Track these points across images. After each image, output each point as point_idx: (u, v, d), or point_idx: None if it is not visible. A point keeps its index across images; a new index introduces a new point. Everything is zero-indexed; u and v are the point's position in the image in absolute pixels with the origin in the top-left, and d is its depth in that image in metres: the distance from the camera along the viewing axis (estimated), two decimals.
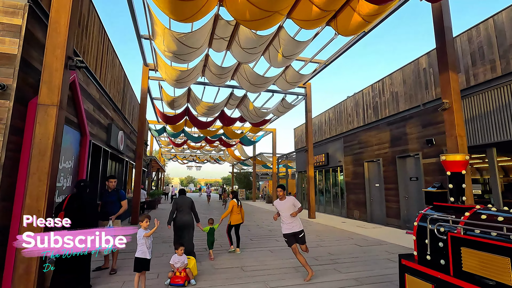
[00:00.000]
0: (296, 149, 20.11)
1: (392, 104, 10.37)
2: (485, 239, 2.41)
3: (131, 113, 12.11)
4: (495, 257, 2.29)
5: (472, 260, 2.47)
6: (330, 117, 15.33)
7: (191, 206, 5.78)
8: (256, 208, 18.31)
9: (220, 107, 13.54)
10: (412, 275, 3.01)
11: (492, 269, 2.31)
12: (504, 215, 2.46)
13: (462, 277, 2.51)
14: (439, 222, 2.87)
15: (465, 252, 2.51)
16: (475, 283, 2.40)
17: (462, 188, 3.04)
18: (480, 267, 2.40)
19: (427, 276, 2.84)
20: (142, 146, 11.04)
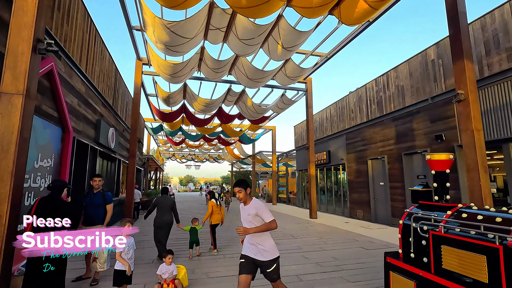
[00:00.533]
0: (297, 147, 19.62)
1: (398, 99, 9.87)
2: (463, 237, 2.45)
3: (124, 110, 11.60)
4: (472, 255, 2.32)
5: (451, 258, 2.51)
6: (331, 113, 14.82)
7: (172, 206, 5.70)
8: None
9: (217, 104, 13.03)
10: (396, 273, 3.06)
11: (470, 266, 2.34)
12: (484, 214, 2.49)
13: (442, 275, 2.56)
14: (423, 220, 2.90)
15: (445, 250, 2.56)
16: (454, 281, 2.42)
17: (446, 187, 3.08)
18: (458, 265, 2.44)
19: (409, 273, 2.89)
20: (136, 144, 10.53)
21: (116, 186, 10.46)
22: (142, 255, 5.85)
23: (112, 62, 9.37)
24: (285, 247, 6.72)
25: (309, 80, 13.39)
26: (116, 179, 10.49)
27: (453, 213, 2.73)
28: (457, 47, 5.77)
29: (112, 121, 9.63)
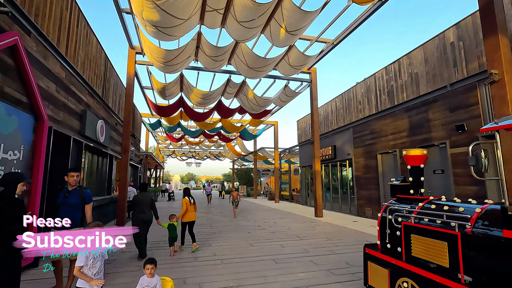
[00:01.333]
0: (300, 142, 18.87)
1: (411, 87, 9.09)
2: (429, 226, 2.64)
3: (117, 103, 10.89)
4: (436, 242, 2.53)
5: (419, 245, 2.71)
6: (337, 106, 14.05)
7: (151, 203, 5.66)
8: (256, 206, 17.14)
9: (216, 96, 12.29)
10: (373, 262, 3.25)
11: (434, 253, 2.55)
12: (449, 204, 2.67)
13: (411, 262, 2.76)
14: (397, 212, 3.08)
15: (414, 239, 2.76)
16: (421, 267, 2.62)
17: (421, 181, 3.20)
18: (425, 252, 2.64)
19: (384, 262, 3.09)
20: (129, 138, 9.82)
21: (108, 184, 9.77)
22: (129, 261, 5.16)
23: (101, 49, 8.63)
24: (291, 250, 6.00)
25: (314, 71, 12.61)
26: (108, 176, 9.80)
27: (424, 205, 2.90)
28: (490, 22, 5.01)
29: (102, 113, 8.92)
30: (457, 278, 2.33)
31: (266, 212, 13.74)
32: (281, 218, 11.22)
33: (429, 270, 2.55)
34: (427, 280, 2.55)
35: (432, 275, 2.51)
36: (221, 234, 7.89)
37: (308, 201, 17.33)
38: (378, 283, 3.18)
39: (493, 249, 2.15)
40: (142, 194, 5.76)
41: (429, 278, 2.53)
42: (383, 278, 3.08)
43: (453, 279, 2.35)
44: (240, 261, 5.19)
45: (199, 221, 10.27)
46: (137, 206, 5.56)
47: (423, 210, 2.83)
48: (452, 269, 2.39)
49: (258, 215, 12.27)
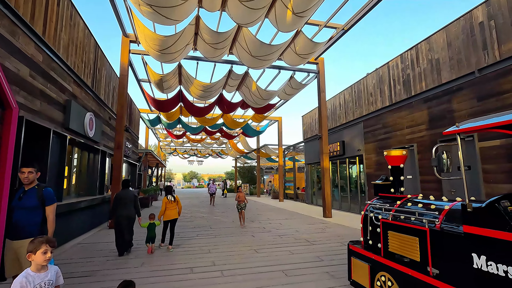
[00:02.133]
0: (305, 138, 18.06)
1: (431, 75, 8.25)
2: (403, 223, 2.83)
3: (110, 95, 10.15)
4: (409, 238, 2.72)
5: (395, 241, 2.90)
6: (346, 99, 13.21)
7: (134, 200, 5.70)
8: (260, 205, 16.37)
9: (217, 88, 11.51)
10: (356, 258, 3.45)
11: (407, 248, 2.73)
12: (423, 202, 2.85)
13: (388, 257, 2.96)
14: (378, 210, 3.25)
15: (391, 235, 2.95)
16: (396, 261, 2.83)
17: (401, 180, 3.35)
18: (399, 247, 2.82)
19: (365, 257, 3.28)
20: (122, 133, 9.09)
21: (100, 182, 9.05)
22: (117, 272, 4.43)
23: (90, 35, 7.88)
24: (301, 258, 5.22)
25: (321, 61, 11.79)
26: (100, 174, 9.08)
27: (402, 203, 3.03)
28: None
29: (92, 105, 8.18)
30: (426, 271, 2.50)
31: (270, 212, 12.98)
32: (287, 219, 10.45)
33: (403, 264, 2.73)
34: (402, 274, 2.73)
35: (405, 269, 2.69)
36: (222, 238, 7.14)
37: (315, 200, 16.54)
38: (360, 278, 3.34)
39: (456, 244, 2.30)
40: (125, 191, 5.77)
41: (403, 271, 2.71)
42: (364, 273, 3.24)
43: (423, 272, 2.52)
44: (243, 273, 4.43)
45: (199, 223, 9.55)
46: (120, 202, 5.57)
47: (400, 208, 2.98)
48: (422, 263, 2.56)
49: (263, 215, 11.51)
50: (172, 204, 6.09)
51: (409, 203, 2.95)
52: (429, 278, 2.45)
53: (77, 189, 7.78)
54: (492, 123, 2.21)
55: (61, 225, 6.06)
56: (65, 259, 5.20)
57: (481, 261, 2.10)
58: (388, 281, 2.90)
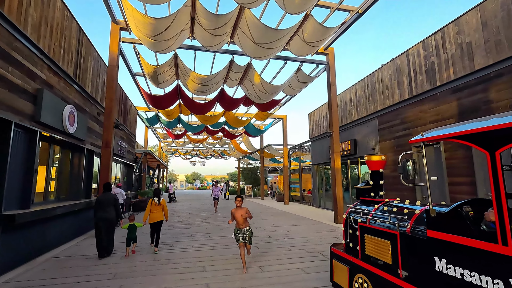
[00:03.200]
0: (312, 137, 17.01)
1: (461, 62, 7.19)
2: (377, 226, 2.90)
3: (99, 89, 9.23)
4: (382, 241, 2.78)
5: (371, 244, 2.96)
6: (357, 94, 12.16)
7: (114, 203, 5.73)
8: (264, 208, 15.35)
9: (218, 82, 10.54)
10: (336, 260, 3.53)
11: (381, 251, 2.79)
12: (398, 206, 2.93)
13: (365, 260, 3.03)
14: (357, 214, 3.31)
15: (367, 238, 3.02)
16: (371, 264, 2.90)
17: (381, 184, 3.42)
18: (374, 250, 2.89)
19: (345, 260, 3.35)
20: (111, 131, 8.15)
21: (86, 185, 8.12)
22: None
23: (71, 18, 6.95)
24: (318, 279, 4.20)
25: (331, 51, 10.78)
26: (87, 175, 8.15)
27: (379, 207, 3.14)
28: None
29: (75, 98, 7.26)
30: (397, 273, 2.57)
31: (276, 216, 11.95)
32: (294, 225, 9.43)
33: (377, 267, 2.81)
34: (376, 276, 2.80)
35: (379, 271, 2.77)
36: (221, 250, 6.15)
37: (323, 203, 15.47)
38: (340, 280, 3.39)
39: (421, 247, 2.37)
40: (105, 194, 5.79)
41: (377, 274, 2.79)
42: (344, 275, 3.30)
43: (394, 274, 2.59)
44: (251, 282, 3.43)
45: (197, 230, 8.58)
46: (100, 206, 5.58)
47: (376, 212, 3.07)
48: (394, 265, 2.63)
49: (267, 221, 10.50)
50: (157, 207, 6.11)
51: (385, 207, 3.05)
52: (399, 280, 2.52)
53: (58, 193, 6.85)
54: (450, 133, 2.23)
55: (32, 235, 5.12)
56: (24, 280, 4.24)
57: (442, 264, 2.17)
58: (364, 283, 2.98)
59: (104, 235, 5.43)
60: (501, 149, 1.88)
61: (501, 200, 1.85)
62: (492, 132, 1.92)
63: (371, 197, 3.39)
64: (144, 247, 6.32)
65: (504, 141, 1.87)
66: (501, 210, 1.85)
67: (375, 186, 3.39)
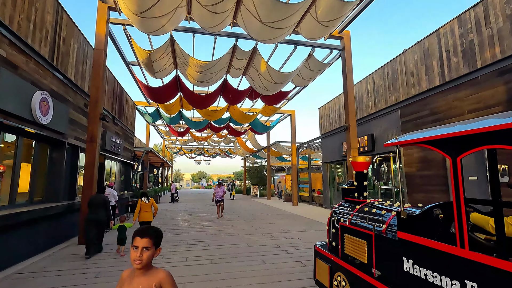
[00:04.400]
0: (322, 134, 15.81)
1: (511, 37, 5.94)
2: (355, 226, 2.97)
3: (86, 77, 8.24)
4: (359, 241, 2.85)
5: (349, 244, 3.03)
6: (375, 84, 10.93)
7: (104, 204, 5.84)
8: (271, 210, 14.22)
9: (220, 70, 9.46)
10: (319, 259, 3.62)
11: (358, 250, 2.86)
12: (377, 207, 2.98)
13: (344, 259, 3.10)
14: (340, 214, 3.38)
15: (346, 238, 3.09)
16: (349, 263, 2.96)
17: (364, 185, 3.45)
18: (353, 250, 2.96)
19: (327, 258, 3.43)
20: (97, 123, 7.15)
21: (68, 185, 7.15)
22: None
23: None
24: None
25: (347, 35, 9.57)
26: (70, 174, 7.18)
27: (361, 207, 3.18)
28: None
29: (51, 83, 6.26)
30: (371, 273, 2.63)
31: (284, 219, 10.82)
32: (306, 231, 8.29)
33: (354, 266, 2.88)
34: (353, 274, 2.88)
35: (356, 270, 2.84)
36: (221, 264, 5.06)
37: (335, 204, 14.25)
38: (322, 278, 3.48)
39: (393, 248, 2.42)
40: (97, 194, 6.00)
41: (354, 272, 2.86)
42: (325, 273, 3.38)
43: (369, 274, 2.65)
44: None
45: (195, 236, 7.52)
46: (90, 207, 5.76)
47: (357, 213, 3.10)
48: (369, 265, 2.69)
49: (275, 225, 9.38)
50: (147, 205, 6.31)
51: (366, 208, 3.11)
52: (372, 280, 2.57)
53: (31, 194, 5.87)
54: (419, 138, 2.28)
55: None
56: None
57: (409, 264, 2.24)
58: (343, 281, 3.04)
59: (94, 235, 5.60)
60: (462, 155, 1.94)
61: (460, 204, 1.90)
62: (455, 138, 1.98)
63: (355, 198, 3.44)
64: None
65: (465, 148, 1.92)
66: (460, 214, 1.91)
67: (359, 187, 3.44)
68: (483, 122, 1.85)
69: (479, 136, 1.82)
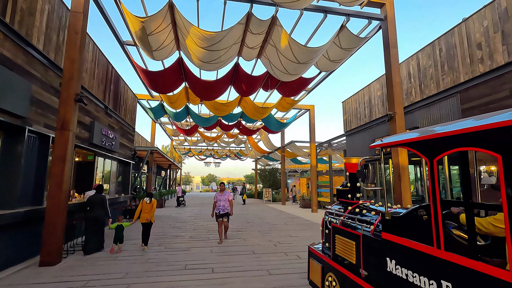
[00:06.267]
0: (347, 131, 13.80)
1: None
2: (345, 227, 3.04)
3: (63, 49, 6.61)
4: (348, 241, 2.91)
5: (340, 244, 3.10)
6: (420, 65, 8.92)
7: (102, 203, 6.13)
8: (287, 218, 12.26)
9: (230, 45, 7.69)
10: (313, 259, 3.66)
11: (347, 251, 2.93)
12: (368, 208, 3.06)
13: (335, 259, 3.18)
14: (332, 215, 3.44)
15: (337, 239, 3.15)
16: (339, 263, 3.03)
17: (358, 187, 3.46)
18: (343, 250, 3.02)
19: (319, 259, 3.48)
20: (71, 106, 5.48)
21: (33, 186, 5.48)
22: None
23: None
24: None
25: (389, 1, 7.65)
26: (36, 172, 5.52)
27: (353, 208, 3.22)
28: None
29: (2, 47, 4.61)
30: (359, 273, 2.68)
31: (307, 230, 8.88)
32: None
33: (343, 266, 2.94)
34: (342, 275, 2.92)
35: (345, 271, 2.89)
36: None
37: None
38: (315, 278, 3.55)
39: (377, 248, 2.48)
40: (96, 195, 6.21)
41: (343, 273, 2.91)
42: (318, 273, 3.45)
43: (357, 274, 2.70)
44: None
45: (196, 256, 5.67)
46: (90, 206, 6.05)
47: (348, 214, 3.16)
48: (357, 265, 2.74)
49: (298, 239, 7.45)
50: (148, 205, 6.30)
51: (357, 209, 3.13)
52: (360, 280, 2.62)
53: None
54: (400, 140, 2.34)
55: None
56: None
57: (392, 264, 2.29)
58: (333, 281, 3.10)
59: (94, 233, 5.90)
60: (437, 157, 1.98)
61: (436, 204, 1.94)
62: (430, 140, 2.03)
63: (348, 199, 3.46)
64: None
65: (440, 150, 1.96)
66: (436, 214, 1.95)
67: (352, 188, 3.46)
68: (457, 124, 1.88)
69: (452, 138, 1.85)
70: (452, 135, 1.81)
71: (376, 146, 2.60)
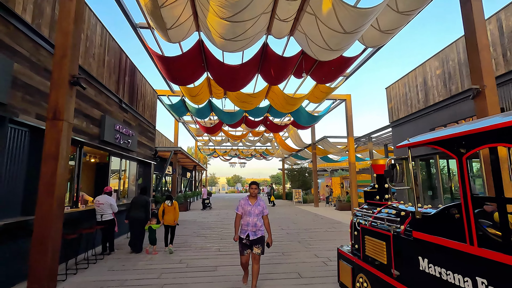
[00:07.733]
0: (393, 121, 11.84)
1: None
2: (375, 228, 3.01)
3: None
4: (379, 242, 2.89)
5: (370, 245, 3.09)
6: (504, 28, 6.91)
7: (145, 204, 6.52)
8: (330, 223, 10.55)
9: (257, 15, 6.24)
10: (343, 261, 3.66)
11: (378, 251, 2.90)
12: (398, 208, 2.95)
13: (365, 260, 3.15)
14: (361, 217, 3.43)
15: (367, 240, 3.15)
16: (370, 264, 3.00)
17: (386, 188, 3.44)
18: (373, 251, 3.01)
19: (349, 261, 3.48)
20: (64, 90, 4.34)
21: (23, 191, 4.41)
22: None
23: None
24: None
25: None
26: (24, 172, 4.44)
27: (381, 209, 3.20)
28: None
29: None
30: (391, 273, 2.64)
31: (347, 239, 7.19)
32: None
33: (374, 267, 2.91)
34: (373, 276, 2.90)
35: (376, 271, 2.86)
36: None
37: None
38: (345, 279, 3.53)
39: (409, 247, 2.47)
40: (139, 196, 6.72)
41: (374, 273, 2.88)
42: (348, 275, 3.44)
43: (388, 274, 2.67)
44: None
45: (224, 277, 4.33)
46: (133, 206, 6.49)
47: (377, 215, 3.13)
48: (388, 265, 2.71)
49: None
50: (169, 208, 6.46)
51: (385, 210, 3.09)
52: (392, 280, 2.59)
53: None
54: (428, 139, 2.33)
55: None
56: None
57: (424, 263, 2.26)
58: (364, 283, 3.05)
59: (136, 232, 6.35)
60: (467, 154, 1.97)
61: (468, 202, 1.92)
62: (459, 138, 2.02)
63: (376, 200, 3.44)
64: None
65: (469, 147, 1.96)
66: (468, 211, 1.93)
67: (380, 190, 3.45)
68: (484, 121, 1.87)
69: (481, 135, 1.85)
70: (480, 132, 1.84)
71: (403, 146, 2.61)
